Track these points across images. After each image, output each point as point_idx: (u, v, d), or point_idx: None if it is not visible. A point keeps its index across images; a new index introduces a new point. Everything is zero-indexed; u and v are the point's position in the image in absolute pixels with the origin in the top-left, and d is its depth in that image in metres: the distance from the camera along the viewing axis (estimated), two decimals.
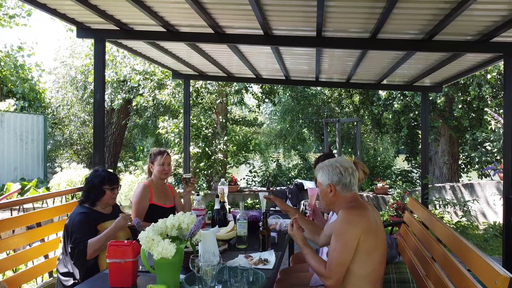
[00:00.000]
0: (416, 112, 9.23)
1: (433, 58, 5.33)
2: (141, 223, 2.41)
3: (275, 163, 13.00)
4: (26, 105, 10.99)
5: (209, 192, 9.20)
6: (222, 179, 4.30)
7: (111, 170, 3.55)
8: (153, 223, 2.15)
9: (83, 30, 4.70)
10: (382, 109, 9.80)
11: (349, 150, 13.85)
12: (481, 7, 3.40)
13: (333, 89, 13.34)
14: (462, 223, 6.78)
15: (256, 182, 12.13)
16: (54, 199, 4.55)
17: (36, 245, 3.36)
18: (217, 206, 3.43)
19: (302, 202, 9.14)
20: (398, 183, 8.78)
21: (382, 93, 8.74)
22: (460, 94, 8.75)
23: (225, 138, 8.99)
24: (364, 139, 14.34)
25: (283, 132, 13.73)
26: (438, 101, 8.63)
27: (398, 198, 8.40)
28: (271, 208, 4.41)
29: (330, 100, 13.39)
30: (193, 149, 7.98)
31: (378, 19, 3.76)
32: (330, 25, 4.11)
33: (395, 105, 8.92)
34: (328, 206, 2.47)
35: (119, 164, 15.20)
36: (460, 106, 8.41)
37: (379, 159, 13.68)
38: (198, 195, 3.36)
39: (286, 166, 13.05)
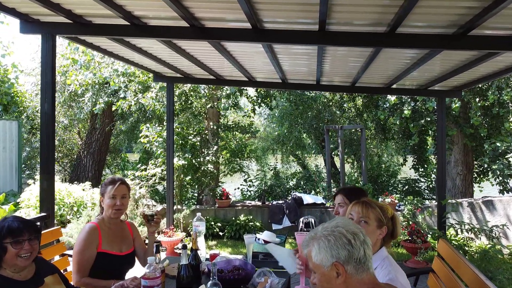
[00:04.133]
0: (428, 119, 8.31)
1: (460, 58, 4.41)
2: None
3: (272, 171, 12.09)
4: (0, 109, 10.05)
5: (197, 207, 8.28)
6: (198, 214, 3.38)
7: (25, 217, 2.63)
8: None
9: (29, 24, 3.78)
10: (389, 114, 8.88)
11: (352, 157, 12.94)
12: None
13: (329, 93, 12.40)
14: (485, 248, 5.86)
15: (252, 192, 11.21)
16: None
17: None
18: (184, 261, 2.51)
19: (302, 219, 8.26)
20: (408, 198, 7.83)
21: (392, 98, 7.83)
22: (477, 99, 7.83)
23: (215, 147, 8.05)
24: (367, 145, 13.41)
25: (280, 137, 12.80)
26: (453, 106, 7.71)
27: (408, 216, 7.48)
28: (260, 255, 3.46)
29: (331, 104, 12.46)
30: (178, 161, 7.05)
31: (401, 7, 2.83)
32: (337, 16, 3.18)
33: (405, 111, 7.99)
34: None
35: (107, 171, 14.26)
36: (479, 113, 7.48)
37: (383, 166, 12.77)
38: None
39: (284, 174, 12.13)
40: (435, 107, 7.96)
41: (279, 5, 3.09)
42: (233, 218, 7.92)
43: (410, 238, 6.16)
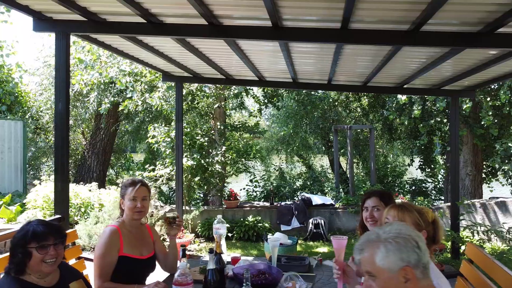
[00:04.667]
0: (438, 119, 8.23)
1: (479, 57, 4.34)
2: None
3: (278, 171, 12.00)
4: (4, 109, 9.95)
5: (205, 208, 8.19)
6: (219, 216, 3.30)
7: (51, 221, 2.55)
8: None
9: (42, 22, 3.69)
10: (397, 115, 8.79)
11: (357, 158, 12.85)
12: None
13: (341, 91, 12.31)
14: (503, 249, 5.79)
15: (258, 193, 11.12)
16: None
17: None
18: (211, 266, 2.42)
19: (311, 220, 8.17)
20: (418, 199, 7.76)
21: (402, 97, 7.74)
22: (488, 98, 7.75)
23: (223, 148, 7.97)
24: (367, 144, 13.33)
25: (286, 138, 12.71)
26: (465, 106, 7.64)
27: None
28: (283, 258, 3.37)
29: (336, 104, 12.37)
30: (187, 161, 6.96)
31: (430, 4, 2.75)
32: (362, 13, 3.10)
33: (415, 111, 7.91)
34: None
35: (111, 171, 14.16)
36: (490, 113, 7.39)
37: (389, 167, 12.68)
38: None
39: (290, 174, 12.04)
40: (446, 107, 7.87)
41: (303, 2, 3.01)
42: (241, 219, 7.83)
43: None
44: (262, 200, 10.33)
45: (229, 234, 7.68)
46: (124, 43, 4.69)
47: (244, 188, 11.25)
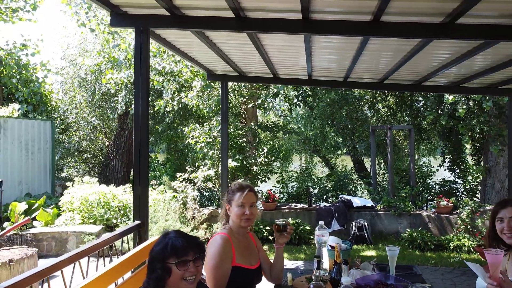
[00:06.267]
0: (482, 119, 8.05)
1: None
2: None
3: (305, 172, 11.77)
4: (30, 109, 9.76)
5: None
6: (321, 222, 3.11)
7: (189, 233, 2.36)
8: None
9: (120, 17, 3.50)
10: (438, 114, 8.59)
11: (381, 160, 12.64)
12: None
13: (365, 90, 12.11)
14: None
15: (285, 195, 10.91)
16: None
17: None
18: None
19: (353, 223, 7.97)
20: (465, 201, 7.56)
21: (450, 97, 7.55)
22: None
23: (265, 149, 7.78)
24: (399, 146, 13.14)
25: (312, 138, 12.51)
26: None
27: (467, 220, 7.22)
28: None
29: (362, 103, 12.18)
30: (230, 163, 6.78)
31: None
32: (396, 5, 2.93)
33: (460, 110, 7.72)
34: None
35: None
36: None
37: (417, 168, 12.45)
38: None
39: (317, 177, 11.81)
40: (492, 107, 7.69)
41: None
42: None
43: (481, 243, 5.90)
44: (290, 201, 10.13)
45: (270, 237, 7.50)
46: (183, 40, 4.53)
47: (271, 189, 11.05)
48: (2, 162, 8.21)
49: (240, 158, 6.98)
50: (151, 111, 9.95)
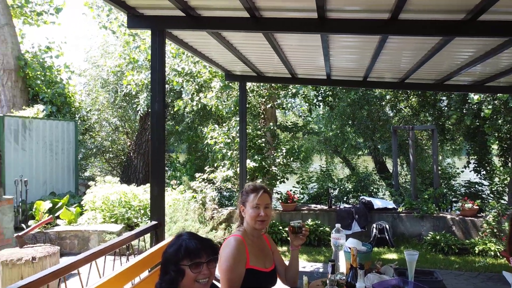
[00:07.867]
0: (508, 118, 7.77)
1: None
2: None
3: (326, 172, 11.66)
4: (54, 110, 10.01)
5: None
6: (337, 225, 3.04)
7: (207, 233, 2.35)
8: None
9: (137, 19, 3.53)
10: (463, 113, 8.35)
11: (403, 161, 12.39)
12: None
13: (386, 90, 11.89)
14: None
15: (305, 195, 10.82)
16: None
17: None
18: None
19: (374, 225, 7.83)
20: (491, 203, 7.32)
21: (475, 96, 7.32)
22: None
23: (284, 150, 7.72)
24: (421, 145, 12.85)
25: (332, 139, 12.37)
26: None
27: (494, 223, 6.98)
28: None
29: (384, 103, 11.96)
30: (249, 164, 6.76)
31: None
32: (415, 1, 2.83)
33: (485, 110, 7.48)
34: None
35: None
36: None
37: (440, 169, 12.16)
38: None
39: (338, 177, 11.68)
40: None
41: None
42: None
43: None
44: (309, 202, 10.03)
45: (289, 239, 7.43)
46: (200, 41, 4.54)
47: (290, 190, 10.98)
48: (28, 162, 8.44)
49: (259, 158, 6.95)
50: (171, 112, 10.05)
